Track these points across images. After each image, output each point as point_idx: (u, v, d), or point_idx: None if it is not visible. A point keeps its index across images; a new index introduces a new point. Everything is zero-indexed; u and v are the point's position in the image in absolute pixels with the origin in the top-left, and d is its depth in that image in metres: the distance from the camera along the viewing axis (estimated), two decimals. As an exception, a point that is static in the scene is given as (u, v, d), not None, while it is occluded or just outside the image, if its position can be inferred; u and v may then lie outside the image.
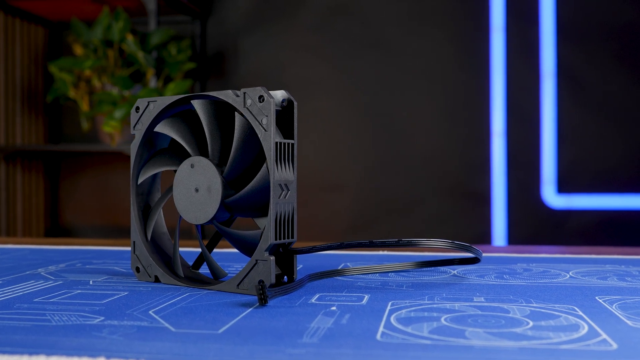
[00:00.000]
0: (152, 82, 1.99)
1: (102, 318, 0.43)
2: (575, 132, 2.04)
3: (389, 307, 0.46)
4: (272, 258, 0.50)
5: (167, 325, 0.41)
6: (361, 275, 0.61)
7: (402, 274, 0.62)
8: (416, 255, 0.77)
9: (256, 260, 0.50)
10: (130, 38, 1.95)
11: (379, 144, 2.14)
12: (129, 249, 0.83)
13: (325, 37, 2.15)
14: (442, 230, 2.11)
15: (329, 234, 2.12)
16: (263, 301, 0.46)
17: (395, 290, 0.53)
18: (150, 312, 0.45)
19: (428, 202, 2.12)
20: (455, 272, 0.63)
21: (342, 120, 2.15)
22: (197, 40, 2.19)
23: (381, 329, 0.40)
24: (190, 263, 0.59)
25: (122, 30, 1.95)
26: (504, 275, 0.61)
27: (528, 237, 2.08)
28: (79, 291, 0.53)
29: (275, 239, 0.50)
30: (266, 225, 0.50)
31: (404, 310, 0.45)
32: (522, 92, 2.07)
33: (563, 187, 2.07)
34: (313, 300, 0.49)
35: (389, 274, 0.62)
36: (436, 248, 0.56)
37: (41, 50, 2.27)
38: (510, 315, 0.44)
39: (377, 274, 0.61)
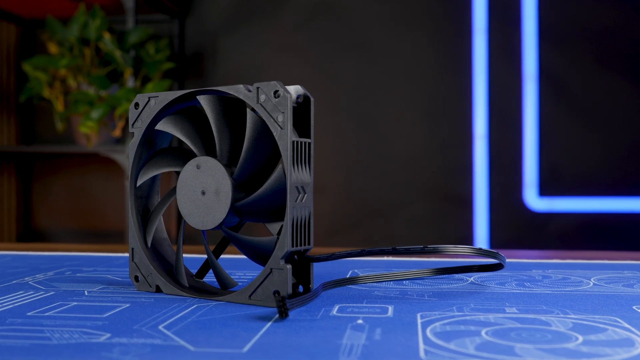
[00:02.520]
0: (130, 82, 1.93)
1: (109, 335, 0.39)
2: (557, 135, 2.03)
3: (419, 320, 0.42)
4: (289, 266, 0.46)
5: (183, 343, 0.37)
6: (375, 284, 0.57)
7: (417, 281, 0.58)
8: (424, 261, 0.74)
9: (271, 269, 0.47)
10: (107, 36, 1.89)
11: (361, 146, 2.11)
12: (117, 255, 0.79)
13: (306, 37, 2.12)
14: (424, 233, 2.08)
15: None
16: (284, 314, 0.42)
17: (418, 300, 0.50)
18: (160, 327, 0.41)
19: (410, 205, 2.09)
20: (472, 279, 0.60)
21: (323, 122, 2.11)
22: (175, 39, 2.14)
23: (422, 345, 0.36)
24: (190, 271, 0.55)
25: (99, 28, 1.90)
26: (525, 283, 0.58)
27: (510, 240, 2.06)
28: (75, 303, 0.48)
29: (292, 246, 0.46)
30: (282, 231, 0.46)
31: (437, 324, 0.41)
32: (504, 94, 2.05)
33: (545, 190, 2.06)
34: (334, 312, 0.45)
35: (404, 282, 0.58)
36: (462, 254, 0.53)
37: (13, 48, 2.20)
38: (553, 328, 0.40)
39: (392, 282, 0.58)
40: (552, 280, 0.60)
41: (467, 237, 2.07)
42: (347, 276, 0.62)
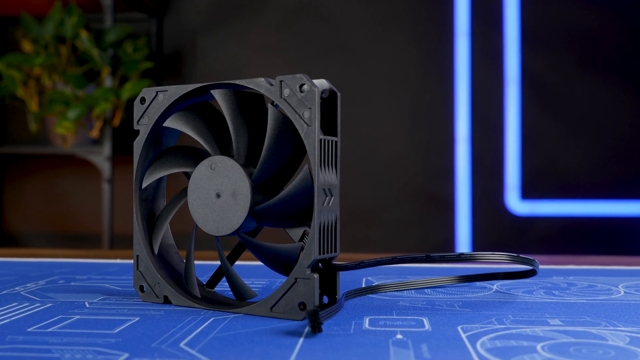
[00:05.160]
0: (108, 81, 1.87)
1: (127, 355, 0.34)
2: (539, 138, 2.02)
3: (462, 334, 0.39)
4: (316, 276, 0.42)
5: (213, 363, 0.33)
6: (397, 292, 0.53)
7: (440, 289, 0.55)
8: (431, 267, 0.71)
9: (295, 279, 0.43)
10: (84, 34, 1.83)
11: (342, 149, 2.07)
12: (110, 261, 0.74)
13: (287, 38, 2.08)
14: (406, 236, 2.06)
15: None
16: (317, 329, 0.38)
17: (450, 311, 0.46)
18: (181, 344, 0.36)
19: (391, 208, 2.06)
20: (495, 287, 0.56)
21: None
22: (154, 38, 2.09)
23: (480, 364, 0.33)
24: (200, 280, 0.51)
25: (76, 26, 1.83)
26: (553, 291, 0.54)
27: (492, 244, 2.04)
28: (78, 317, 0.44)
29: (319, 253, 0.43)
30: (309, 238, 0.43)
31: (484, 338, 0.38)
32: (486, 97, 2.04)
33: (527, 193, 2.05)
34: (366, 326, 0.41)
35: (426, 290, 0.55)
36: (499, 262, 0.50)
37: (-16, 46, 2.12)
38: (611, 343, 0.37)
39: (412, 290, 0.54)
40: (579, 288, 0.57)
41: (448, 241, 2.05)
42: (363, 284, 0.58)
